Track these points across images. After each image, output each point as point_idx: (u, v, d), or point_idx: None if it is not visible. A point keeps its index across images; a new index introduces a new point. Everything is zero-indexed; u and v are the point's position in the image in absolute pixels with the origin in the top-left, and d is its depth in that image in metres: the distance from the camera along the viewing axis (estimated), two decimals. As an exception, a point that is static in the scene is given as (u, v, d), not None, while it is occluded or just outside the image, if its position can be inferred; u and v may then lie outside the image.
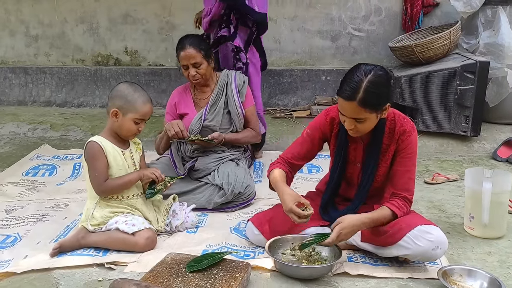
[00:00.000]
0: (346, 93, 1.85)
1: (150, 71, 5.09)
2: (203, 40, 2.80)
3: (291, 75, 4.88)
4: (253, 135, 2.96)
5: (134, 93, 2.17)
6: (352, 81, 1.85)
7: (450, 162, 3.55)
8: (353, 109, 1.86)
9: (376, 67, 1.90)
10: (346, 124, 1.94)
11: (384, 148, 2.07)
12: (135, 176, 2.22)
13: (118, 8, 5.12)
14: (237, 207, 2.67)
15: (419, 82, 3.82)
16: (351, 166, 2.16)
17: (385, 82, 1.88)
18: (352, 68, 1.92)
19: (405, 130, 2.02)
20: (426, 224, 1.92)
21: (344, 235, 1.87)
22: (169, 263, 1.92)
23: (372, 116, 1.90)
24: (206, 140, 2.72)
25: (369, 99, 1.84)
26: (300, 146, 2.20)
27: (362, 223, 1.90)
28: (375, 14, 4.78)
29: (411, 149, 2.02)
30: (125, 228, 2.11)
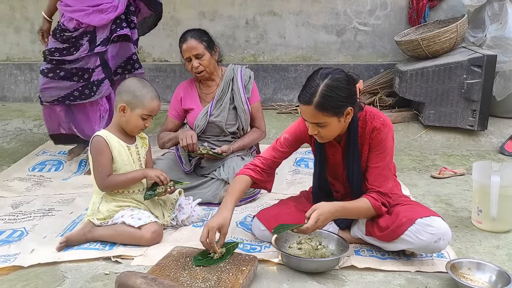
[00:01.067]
0: (303, 98, 1.86)
1: (155, 67, 5.09)
2: (206, 33, 2.79)
3: (296, 70, 4.87)
4: (258, 135, 2.95)
5: (142, 88, 2.16)
6: (310, 85, 1.86)
7: (457, 156, 3.52)
8: (310, 113, 1.87)
9: (334, 71, 1.89)
10: (310, 129, 1.95)
11: (359, 149, 2.05)
12: (139, 175, 2.21)
13: (122, 4, 5.11)
14: (243, 201, 2.67)
15: (426, 76, 3.79)
16: (336, 168, 2.16)
17: (342, 85, 1.86)
18: (312, 73, 1.92)
19: (374, 128, 2.00)
20: (426, 216, 1.90)
21: (321, 221, 1.86)
22: (176, 256, 1.92)
23: (333, 120, 1.89)
24: (215, 154, 2.72)
25: (325, 103, 1.83)
26: (276, 148, 2.20)
27: (336, 211, 1.91)
28: (380, 8, 4.75)
29: (383, 146, 1.99)
30: (131, 222, 2.10)
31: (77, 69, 2.97)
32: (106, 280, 1.88)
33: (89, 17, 2.90)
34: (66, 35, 2.96)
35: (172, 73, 5.03)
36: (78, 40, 2.96)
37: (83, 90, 3.01)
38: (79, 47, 2.95)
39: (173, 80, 5.00)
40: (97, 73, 2.99)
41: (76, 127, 3.13)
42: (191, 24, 4.86)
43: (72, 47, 2.96)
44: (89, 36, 2.96)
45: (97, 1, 2.91)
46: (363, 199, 1.97)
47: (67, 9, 2.93)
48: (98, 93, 3.02)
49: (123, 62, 3.14)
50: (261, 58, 5.05)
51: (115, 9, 2.94)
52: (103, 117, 3.10)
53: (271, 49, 5.02)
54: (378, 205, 1.95)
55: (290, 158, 2.48)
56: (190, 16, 5.01)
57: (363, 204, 1.95)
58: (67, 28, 2.95)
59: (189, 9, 5.01)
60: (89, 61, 2.97)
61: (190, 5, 5.01)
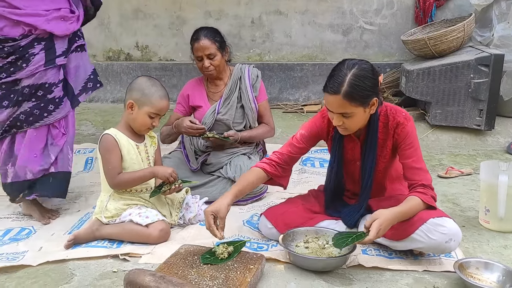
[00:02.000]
0: (331, 87, 1.86)
1: (161, 66, 5.11)
2: (218, 32, 2.79)
3: (302, 69, 4.87)
4: (267, 130, 2.94)
5: (151, 87, 2.17)
6: (337, 75, 1.86)
7: (464, 156, 3.51)
8: (338, 103, 1.86)
9: (360, 61, 1.90)
10: (334, 120, 1.94)
11: (380, 144, 2.05)
12: (148, 173, 2.21)
13: (129, 4, 5.14)
14: (249, 200, 2.67)
15: (432, 75, 3.78)
16: (352, 165, 2.16)
17: (369, 75, 1.88)
18: (337, 64, 1.93)
19: (398, 123, 2.00)
20: (438, 216, 1.89)
21: (382, 231, 1.82)
22: (183, 254, 1.93)
23: (359, 111, 1.89)
24: (222, 138, 2.72)
25: (354, 92, 1.84)
26: (295, 145, 2.19)
27: (396, 217, 1.85)
28: (387, 8, 4.74)
29: (409, 140, 2.00)
30: (138, 220, 2.11)
31: (30, 88, 2.32)
32: (114, 277, 1.89)
33: (50, 23, 2.30)
34: (7, 47, 2.25)
35: (178, 72, 5.04)
36: (27, 49, 2.27)
37: (32, 111, 2.34)
38: (30, 59, 2.28)
39: (179, 79, 5.01)
40: (59, 89, 2.41)
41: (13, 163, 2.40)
42: (197, 23, 4.86)
43: (20, 59, 2.27)
44: (44, 44, 2.32)
45: (57, 4, 2.34)
46: (412, 198, 1.91)
47: (13, 12, 2.23)
48: (54, 115, 2.40)
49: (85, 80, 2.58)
50: (267, 57, 5.05)
51: (78, 19, 2.45)
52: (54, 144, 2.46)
53: (277, 48, 5.02)
54: (428, 198, 1.91)
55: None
56: (196, 15, 5.02)
57: (414, 203, 1.90)
58: (7, 37, 2.25)
59: (195, 9, 5.02)
60: (45, 75, 2.34)
61: (196, 5, 5.02)
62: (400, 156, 2.03)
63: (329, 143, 2.18)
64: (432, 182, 1.98)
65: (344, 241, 1.84)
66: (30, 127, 2.37)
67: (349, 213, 2.14)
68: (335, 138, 2.11)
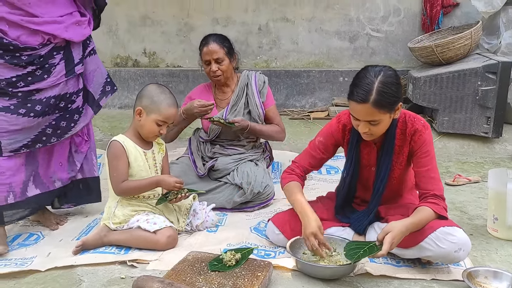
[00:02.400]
0: (359, 96, 1.84)
1: (168, 73, 5.13)
2: (227, 39, 2.82)
3: (309, 76, 4.88)
4: (278, 130, 2.93)
5: (160, 94, 2.19)
6: (363, 83, 1.84)
7: (471, 163, 3.50)
8: (367, 111, 1.85)
9: (384, 67, 1.90)
10: (360, 127, 1.92)
11: (397, 150, 2.05)
12: (153, 182, 2.21)
13: (137, 10, 5.18)
14: (256, 206, 2.68)
15: (439, 82, 3.78)
16: (366, 170, 2.15)
17: (395, 81, 1.88)
18: (360, 71, 1.92)
19: (416, 130, 2.00)
20: (448, 225, 1.89)
21: (395, 244, 1.81)
22: (191, 261, 1.93)
23: (386, 117, 1.89)
24: (227, 123, 2.71)
25: (382, 100, 1.83)
26: (314, 153, 2.19)
27: (408, 229, 1.84)
28: (394, 15, 4.75)
29: (426, 148, 1.99)
30: (146, 227, 2.12)
31: (56, 98, 2.25)
32: (122, 284, 1.89)
33: (68, 31, 2.22)
34: (25, 55, 2.13)
35: (185, 78, 5.06)
36: (47, 60, 2.19)
37: (58, 123, 2.29)
38: (51, 70, 2.20)
39: (186, 86, 5.03)
40: (80, 98, 2.38)
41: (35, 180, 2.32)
42: (204, 30, 4.89)
43: (40, 70, 2.18)
44: (63, 54, 2.24)
45: (68, 8, 2.25)
46: (423, 209, 1.89)
47: (31, 21, 2.12)
48: (79, 124, 2.38)
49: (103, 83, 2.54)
50: (273, 64, 5.07)
51: (89, 22, 2.38)
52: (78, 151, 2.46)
53: (283, 55, 5.04)
54: (440, 209, 1.90)
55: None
56: (203, 22, 5.05)
57: (426, 213, 1.88)
58: (26, 46, 2.13)
59: (202, 16, 5.06)
60: (66, 85, 2.28)
61: (203, 12, 5.05)
62: (415, 164, 2.03)
63: (345, 148, 2.17)
64: (443, 192, 1.97)
65: (356, 253, 1.83)
66: (59, 140, 2.33)
67: (359, 218, 2.14)
68: (352, 143, 2.10)
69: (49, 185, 2.38)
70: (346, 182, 2.17)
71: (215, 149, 2.88)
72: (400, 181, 2.14)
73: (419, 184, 2.00)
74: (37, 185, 2.33)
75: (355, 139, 2.08)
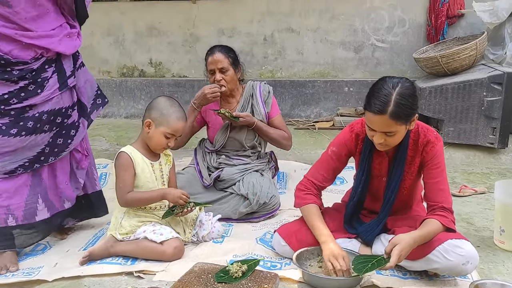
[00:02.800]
0: (377, 107, 1.83)
1: (174, 83, 5.17)
2: (233, 50, 2.85)
3: (314, 86, 4.90)
4: (285, 136, 2.93)
5: (170, 107, 2.20)
6: (381, 94, 1.84)
7: (477, 174, 3.49)
8: (384, 122, 1.85)
9: (402, 79, 1.90)
10: (376, 138, 1.92)
11: (408, 161, 2.05)
12: (158, 196, 2.21)
13: (143, 21, 5.23)
14: (262, 217, 2.68)
15: (445, 93, 3.79)
16: (377, 180, 2.15)
17: (412, 93, 1.88)
18: (377, 81, 1.91)
19: (428, 141, 2.00)
20: (456, 238, 1.89)
21: (403, 256, 1.81)
22: (198, 272, 1.94)
23: (402, 128, 1.89)
24: (232, 117, 2.72)
25: (400, 111, 1.83)
26: (327, 165, 2.18)
27: (415, 242, 1.84)
28: (398, 25, 4.77)
29: (437, 160, 2.00)
30: (153, 237, 2.13)
31: (49, 114, 2.16)
32: (129, 295, 1.90)
33: (62, 44, 2.17)
34: (17, 70, 2.06)
35: (190, 88, 5.09)
36: (39, 74, 2.12)
37: (55, 141, 2.23)
38: (44, 84, 2.13)
39: (191, 96, 5.04)
40: (75, 112, 2.32)
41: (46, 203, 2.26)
42: (210, 41, 4.93)
43: (33, 84, 2.10)
44: (55, 66, 2.18)
45: (58, 20, 2.18)
46: (431, 221, 1.89)
47: (26, 35, 2.06)
48: (76, 139, 2.32)
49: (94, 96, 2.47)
50: (278, 74, 5.10)
51: (78, 34, 2.31)
52: (79, 167, 2.41)
53: (288, 65, 5.07)
54: (449, 222, 1.89)
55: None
56: (209, 33, 5.10)
57: (434, 226, 1.88)
58: (18, 61, 2.06)
59: (208, 26, 5.10)
60: (62, 99, 2.21)
61: (209, 22, 5.10)
62: (425, 175, 2.03)
63: (357, 158, 2.17)
64: (452, 205, 1.96)
65: (364, 266, 1.83)
66: (57, 158, 2.26)
67: (369, 228, 2.13)
68: (365, 153, 2.10)
69: (59, 206, 2.33)
70: (357, 192, 2.16)
71: (220, 159, 2.89)
72: (410, 191, 2.14)
73: (428, 195, 2.00)
74: (48, 209, 2.27)
75: (368, 149, 2.08)
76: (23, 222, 2.19)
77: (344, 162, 2.20)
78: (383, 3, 4.76)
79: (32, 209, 2.21)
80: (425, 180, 2.03)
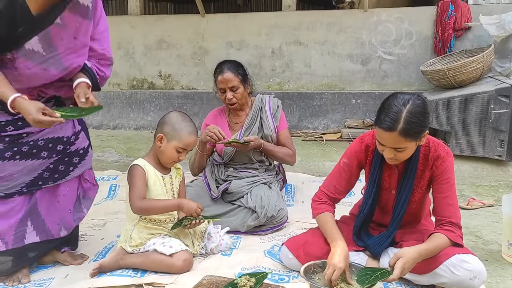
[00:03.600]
0: (386, 124, 1.84)
1: (183, 95, 5.23)
2: (241, 66, 2.87)
3: (321, 98, 4.93)
4: (289, 153, 2.96)
5: (182, 122, 2.24)
6: (391, 111, 1.85)
7: (485, 187, 3.49)
8: (393, 139, 1.86)
9: (413, 96, 1.90)
10: (386, 153, 1.94)
11: (418, 174, 2.06)
12: (174, 205, 2.24)
13: (153, 34, 5.31)
14: (270, 230, 2.69)
15: (452, 105, 3.80)
16: (386, 193, 2.16)
17: (423, 110, 1.88)
18: (388, 97, 1.92)
19: (439, 156, 2.01)
20: (464, 253, 1.89)
21: (406, 269, 1.82)
22: (206, 285, 1.96)
23: (412, 145, 1.90)
24: (242, 143, 2.75)
25: (410, 129, 1.83)
26: (339, 176, 2.20)
27: (420, 256, 1.85)
28: (406, 38, 4.80)
29: (447, 175, 2.01)
30: (163, 250, 2.15)
31: (46, 141, 2.12)
32: (138, 307, 1.92)
33: (60, 91, 2.15)
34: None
35: (199, 100, 5.15)
36: None
37: (57, 167, 2.17)
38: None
39: (200, 108, 5.12)
40: (81, 141, 2.26)
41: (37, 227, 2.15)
42: (218, 54, 5.00)
43: None
44: (54, 102, 2.15)
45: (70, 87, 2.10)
46: (438, 236, 1.90)
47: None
48: (79, 167, 2.26)
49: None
50: (286, 86, 5.14)
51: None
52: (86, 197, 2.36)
53: (296, 77, 5.11)
54: (456, 237, 1.90)
55: (316, 187, 2.50)
56: (217, 46, 5.16)
57: (440, 241, 1.89)
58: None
59: (217, 39, 5.17)
60: (61, 129, 2.17)
61: (217, 35, 5.16)
62: (434, 190, 2.04)
63: (367, 169, 2.18)
64: (460, 220, 1.97)
65: (367, 278, 1.84)
66: (56, 183, 2.18)
67: (378, 241, 2.14)
68: (375, 166, 2.11)
69: (54, 233, 2.22)
70: (368, 204, 2.17)
71: (228, 171, 2.92)
72: (419, 205, 2.15)
73: (436, 210, 2.01)
74: (38, 232, 2.17)
75: (378, 162, 2.09)
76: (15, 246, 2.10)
77: (356, 173, 2.21)
78: (390, 16, 4.80)
79: (21, 232, 2.11)
80: (434, 195, 2.04)
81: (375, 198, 2.15)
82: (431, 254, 1.88)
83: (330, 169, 2.33)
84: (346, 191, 2.24)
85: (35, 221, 2.15)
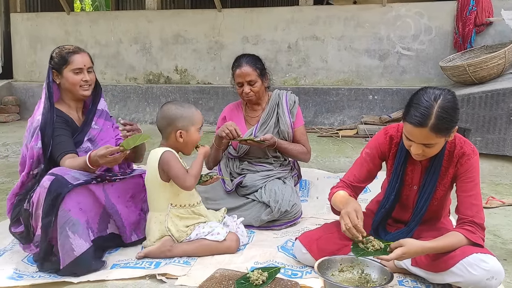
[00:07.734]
0: (417, 119, 1.79)
1: (198, 89, 5.24)
2: (259, 60, 2.86)
3: (338, 94, 4.88)
4: (303, 151, 2.95)
5: (184, 108, 2.29)
6: (422, 106, 1.80)
7: (505, 185, 3.41)
8: (424, 135, 1.82)
9: (444, 91, 1.84)
10: (413, 149, 1.89)
11: (443, 171, 2.02)
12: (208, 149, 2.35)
13: (170, 29, 5.33)
14: (284, 225, 2.68)
15: (472, 102, 3.72)
16: (407, 189, 2.12)
17: (454, 106, 1.83)
18: (418, 92, 1.87)
19: (464, 153, 1.97)
20: (482, 252, 1.85)
21: (404, 258, 1.81)
22: (219, 278, 1.95)
23: (442, 140, 1.86)
24: (258, 141, 2.74)
25: (441, 125, 1.78)
26: (360, 166, 2.17)
27: (423, 251, 1.83)
28: (425, 33, 4.72)
29: (472, 173, 1.95)
30: (214, 238, 2.25)
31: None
32: (151, 299, 1.93)
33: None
34: None
35: (215, 95, 5.15)
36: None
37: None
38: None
39: (215, 102, 5.12)
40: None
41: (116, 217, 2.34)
42: (234, 48, 4.99)
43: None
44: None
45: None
46: (454, 234, 1.87)
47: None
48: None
49: None
50: (302, 82, 5.10)
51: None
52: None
53: (312, 72, 5.07)
54: (476, 237, 1.86)
55: (331, 183, 2.48)
56: (233, 40, 5.15)
57: (455, 239, 1.86)
58: None
59: (233, 34, 5.16)
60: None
61: (234, 30, 5.15)
62: (458, 188, 1.99)
63: (390, 163, 2.14)
64: (484, 222, 1.92)
65: (362, 250, 1.87)
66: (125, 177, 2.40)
67: (397, 237, 2.09)
68: (399, 160, 2.07)
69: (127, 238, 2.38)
70: (390, 199, 2.12)
71: (243, 165, 2.91)
72: (441, 203, 2.11)
73: (459, 208, 1.96)
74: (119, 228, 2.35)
75: (403, 157, 2.05)
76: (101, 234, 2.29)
77: (377, 165, 2.17)
78: (409, 11, 4.73)
79: (105, 222, 2.30)
80: (458, 193, 1.99)
81: (398, 193, 2.11)
82: (439, 251, 1.85)
83: (345, 165, 2.31)
84: (366, 181, 2.19)
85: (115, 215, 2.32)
